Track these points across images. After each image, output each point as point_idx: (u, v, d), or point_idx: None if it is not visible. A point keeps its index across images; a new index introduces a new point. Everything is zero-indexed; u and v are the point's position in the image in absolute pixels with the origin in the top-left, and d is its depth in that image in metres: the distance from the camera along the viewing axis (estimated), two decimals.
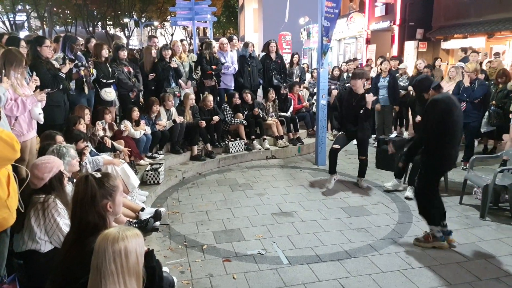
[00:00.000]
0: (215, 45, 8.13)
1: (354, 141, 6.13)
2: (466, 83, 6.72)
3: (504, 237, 4.45)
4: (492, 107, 7.19)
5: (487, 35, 13.61)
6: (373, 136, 9.14)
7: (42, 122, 4.06)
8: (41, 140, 4.06)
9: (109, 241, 1.66)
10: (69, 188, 3.12)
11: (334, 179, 6.01)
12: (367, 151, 6.11)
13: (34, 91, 4.06)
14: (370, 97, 5.73)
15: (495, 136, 7.81)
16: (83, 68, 5.74)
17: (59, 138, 4.06)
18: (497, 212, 5.14)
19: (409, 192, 5.65)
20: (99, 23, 36.34)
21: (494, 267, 3.85)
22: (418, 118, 7.21)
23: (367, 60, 10.78)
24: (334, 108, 6.78)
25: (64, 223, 2.79)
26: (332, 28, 6.83)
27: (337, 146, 5.92)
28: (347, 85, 9.19)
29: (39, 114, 3.95)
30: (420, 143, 4.23)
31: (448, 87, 7.39)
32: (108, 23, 37.56)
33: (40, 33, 28.62)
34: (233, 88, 8.40)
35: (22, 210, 2.58)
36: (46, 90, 4.23)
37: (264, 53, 9.00)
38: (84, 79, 5.78)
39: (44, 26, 32.62)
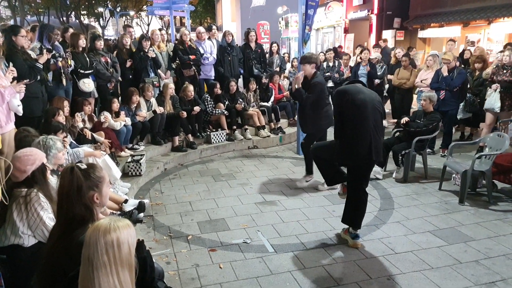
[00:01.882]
0: (186, 33, 7.95)
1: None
2: (445, 72, 6.84)
3: (482, 221, 4.59)
4: (468, 95, 7.34)
5: (463, 24, 13.86)
6: None
7: (21, 114, 3.94)
8: (15, 136, 3.90)
9: (101, 232, 1.63)
10: (53, 180, 3.05)
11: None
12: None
13: (11, 82, 3.93)
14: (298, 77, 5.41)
15: (471, 123, 8.00)
16: (60, 59, 5.59)
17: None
18: (475, 197, 5.29)
19: (397, 173, 6.02)
20: (73, 12, 35.35)
21: (473, 250, 3.96)
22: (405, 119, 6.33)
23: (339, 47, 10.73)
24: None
25: (47, 217, 2.72)
26: (313, 16, 6.83)
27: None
28: (327, 74, 9.29)
29: (18, 105, 3.83)
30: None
31: (426, 75, 7.52)
32: (82, 12, 36.55)
33: (11, 23, 27.70)
34: (213, 78, 8.34)
35: (6, 202, 2.51)
36: (25, 81, 4.10)
37: (243, 42, 8.94)
38: (62, 70, 5.63)
39: (15, 15, 31.56)
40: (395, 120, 6.49)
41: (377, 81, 8.66)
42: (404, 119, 6.07)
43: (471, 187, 5.31)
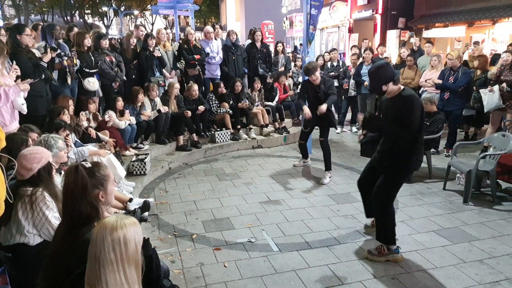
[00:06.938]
0: (192, 32, 7.96)
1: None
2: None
3: (486, 221, 4.58)
4: (474, 93, 7.29)
5: (467, 24, 13.79)
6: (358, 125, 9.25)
7: (25, 113, 3.97)
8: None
9: (108, 229, 1.63)
10: (57, 179, 3.05)
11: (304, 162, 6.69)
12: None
13: (14, 81, 3.95)
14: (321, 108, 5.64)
15: (475, 123, 7.98)
16: (66, 58, 5.60)
17: (33, 135, 3.74)
18: (479, 196, 5.28)
19: None
20: (77, 12, 35.42)
21: (477, 249, 3.96)
22: None
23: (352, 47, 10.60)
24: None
25: (53, 216, 2.72)
26: (318, 16, 6.82)
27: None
28: (331, 73, 9.28)
29: (22, 104, 3.85)
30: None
31: (430, 75, 7.50)
32: (86, 11, 36.63)
33: (15, 22, 27.77)
34: (219, 77, 8.35)
35: (11, 200, 2.51)
36: (29, 80, 4.12)
37: (249, 42, 8.95)
38: (67, 70, 5.64)
39: (19, 14, 31.66)
40: None
41: None
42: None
43: (475, 187, 5.30)
